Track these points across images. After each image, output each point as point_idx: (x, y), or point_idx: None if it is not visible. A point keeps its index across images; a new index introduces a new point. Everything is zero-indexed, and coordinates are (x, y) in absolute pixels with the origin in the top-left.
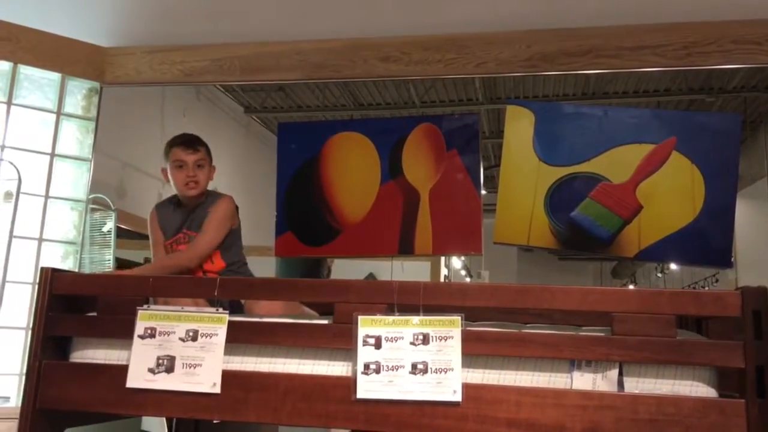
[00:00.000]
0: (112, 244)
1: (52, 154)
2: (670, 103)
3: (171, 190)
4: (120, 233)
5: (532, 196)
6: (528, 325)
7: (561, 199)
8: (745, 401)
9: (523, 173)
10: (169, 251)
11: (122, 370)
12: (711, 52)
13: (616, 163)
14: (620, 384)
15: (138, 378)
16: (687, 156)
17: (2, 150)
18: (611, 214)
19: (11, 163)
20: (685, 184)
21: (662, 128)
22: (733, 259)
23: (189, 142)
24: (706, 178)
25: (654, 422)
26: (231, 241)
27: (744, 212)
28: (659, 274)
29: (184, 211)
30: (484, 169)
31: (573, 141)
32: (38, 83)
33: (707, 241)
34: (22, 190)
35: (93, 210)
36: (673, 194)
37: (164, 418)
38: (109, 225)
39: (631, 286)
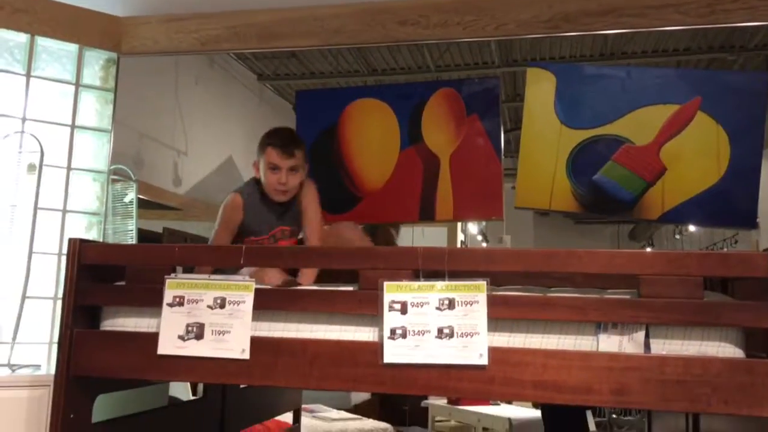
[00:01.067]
0: (134, 214)
1: (73, 126)
2: (690, 62)
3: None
4: (138, 203)
5: (554, 159)
6: (552, 289)
7: (583, 162)
8: None
9: (545, 137)
10: None
11: (152, 337)
12: (735, 10)
13: (639, 125)
14: (647, 346)
15: (169, 345)
16: (712, 116)
17: (23, 122)
18: (634, 176)
19: (33, 136)
20: (709, 144)
21: (687, 88)
22: (757, 220)
23: (285, 145)
24: (731, 138)
25: (681, 383)
26: None
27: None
28: (677, 236)
29: (277, 208)
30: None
31: (595, 103)
32: (56, 55)
33: (732, 202)
34: (44, 163)
35: (114, 181)
36: (698, 155)
37: (188, 386)
38: (131, 195)
39: (648, 249)
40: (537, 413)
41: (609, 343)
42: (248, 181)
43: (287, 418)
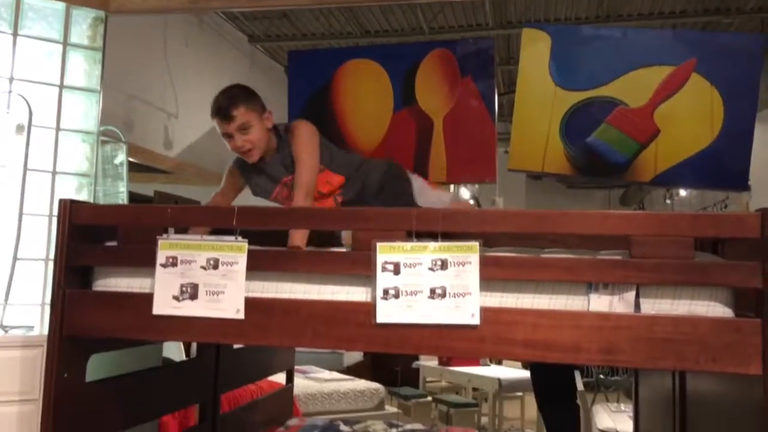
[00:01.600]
0: (124, 176)
1: (61, 86)
2: (686, 24)
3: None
4: (129, 166)
5: (548, 121)
6: (545, 250)
7: (577, 124)
8: (761, 321)
9: (539, 98)
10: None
11: (145, 298)
12: None
13: (634, 87)
14: (637, 306)
15: (163, 305)
16: (707, 77)
17: (11, 82)
18: (628, 138)
19: (21, 96)
20: (703, 106)
21: (682, 49)
22: (749, 182)
23: (220, 111)
24: (725, 100)
25: (670, 341)
26: (330, 154)
27: (761, 136)
28: (668, 201)
29: (269, 162)
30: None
31: (590, 64)
32: (42, 13)
33: (724, 164)
34: (33, 123)
35: (104, 143)
36: (692, 117)
37: (181, 347)
38: (121, 157)
39: None
40: (526, 373)
41: (600, 302)
42: None
43: (280, 378)
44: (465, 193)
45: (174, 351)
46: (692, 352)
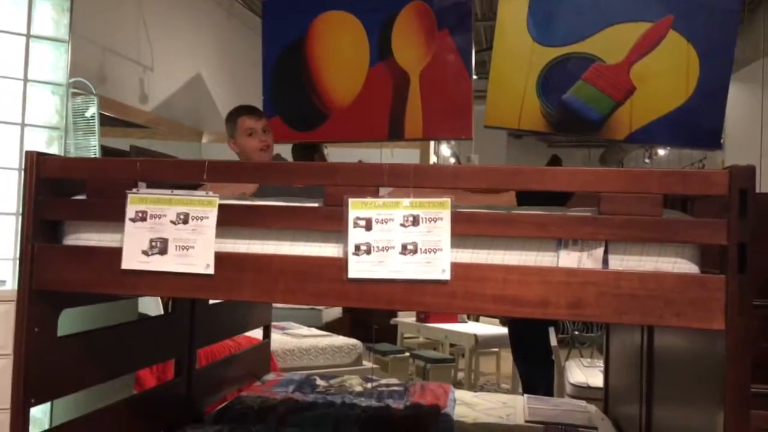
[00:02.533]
0: (96, 130)
1: (28, 35)
2: None
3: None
4: (102, 121)
5: (524, 77)
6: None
7: (554, 81)
8: (725, 277)
9: (516, 54)
10: None
11: (115, 252)
12: None
13: (611, 43)
14: (605, 262)
15: (132, 260)
16: (683, 35)
17: None
18: (603, 95)
19: None
20: (679, 64)
21: (659, 6)
22: (722, 141)
23: (254, 110)
24: (701, 57)
25: (635, 297)
26: None
27: (735, 95)
28: (647, 160)
29: None
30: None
31: (568, 20)
32: None
33: (698, 122)
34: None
35: (74, 95)
36: (667, 75)
37: (159, 302)
38: (92, 110)
39: None
40: (502, 330)
41: (569, 259)
42: None
43: (257, 334)
44: (446, 150)
45: (152, 306)
46: (657, 308)
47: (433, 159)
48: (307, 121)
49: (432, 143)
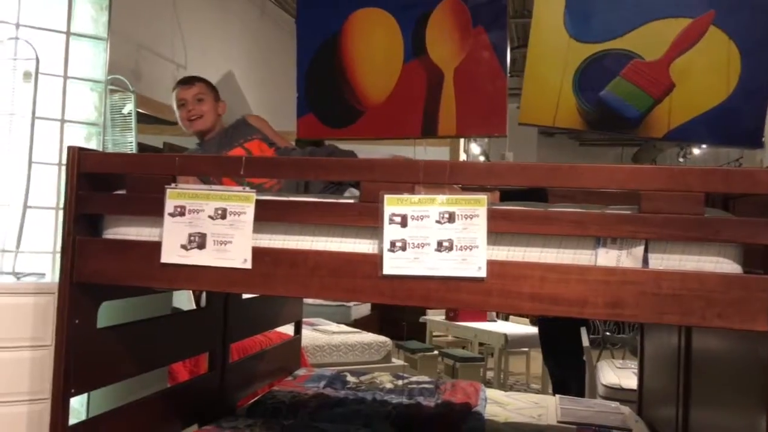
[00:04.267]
0: (133, 126)
1: (68, 33)
2: None
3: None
4: (137, 118)
5: (561, 74)
6: (554, 206)
7: (591, 77)
8: None
9: (552, 50)
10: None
11: (154, 246)
12: None
13: (650, 39)
14: (645, 261)
15: (171, 253)
16: (725, 31)
17: (17, 28)
18: (642, 92)
19: (28, 42)
20: (720, 60)
21: (700, 1)
22: (763, 140)
23: (187, 79)
24: (743, 54)
25: (676, 297)
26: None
27: None
28: (681, 159)
29: (208, 142)
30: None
31: (606, 15)
32: None
33: (739, 120)
34: (40, 71)
35: (112, 92)
36: (708, 71)
37: (191, 296)
38: (129, 107)
39: None
40: (532, 329)
41: (607, 257)
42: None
43: (288, 330)
44: (475, 148)
45: (184, 301)
46: (698, 308)
47: (462, 156)
48: (340, 118)
49: (462, 141)
